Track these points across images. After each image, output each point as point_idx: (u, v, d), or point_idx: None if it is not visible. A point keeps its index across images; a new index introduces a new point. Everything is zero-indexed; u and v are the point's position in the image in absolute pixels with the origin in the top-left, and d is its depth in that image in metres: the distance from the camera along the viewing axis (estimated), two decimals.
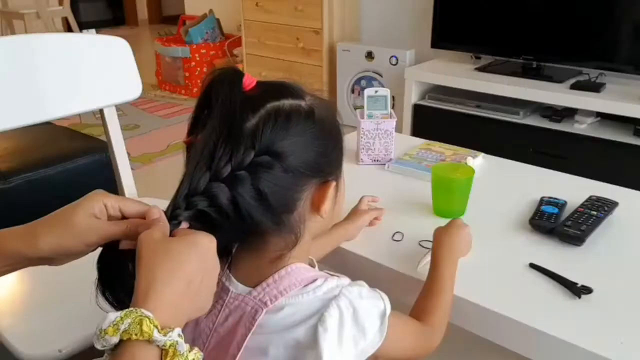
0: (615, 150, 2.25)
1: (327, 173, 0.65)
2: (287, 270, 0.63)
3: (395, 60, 3.04)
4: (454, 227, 0.90)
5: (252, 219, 0.58)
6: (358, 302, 0.62)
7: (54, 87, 1.24)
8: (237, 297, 0.63)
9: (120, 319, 0.47)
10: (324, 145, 0.64)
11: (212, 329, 0.64)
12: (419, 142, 1.42)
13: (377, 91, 1.31)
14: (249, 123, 0.59)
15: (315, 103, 0.65)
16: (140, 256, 0.52)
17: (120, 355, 0.47)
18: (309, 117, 0.62)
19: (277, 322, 0.61)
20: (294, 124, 0.60)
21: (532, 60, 2.55)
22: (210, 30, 4.20)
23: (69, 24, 4.67)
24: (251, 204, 0.58)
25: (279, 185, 0.59)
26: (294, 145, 0.60)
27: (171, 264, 0.51)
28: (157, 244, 0.53)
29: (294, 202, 0.62)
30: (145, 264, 0.51)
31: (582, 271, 0.88)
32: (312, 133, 0.62)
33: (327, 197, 0.64)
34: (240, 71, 0.63)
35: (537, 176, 1.27)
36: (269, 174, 0.58)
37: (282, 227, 0.62)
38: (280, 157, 0.59)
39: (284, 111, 0.60)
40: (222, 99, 0.59)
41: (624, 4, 2.35)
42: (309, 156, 0.62)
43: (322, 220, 0.66)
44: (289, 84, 0.66)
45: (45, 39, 1.25)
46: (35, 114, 1.22)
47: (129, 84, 1.35)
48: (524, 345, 0.79)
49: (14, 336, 0.96)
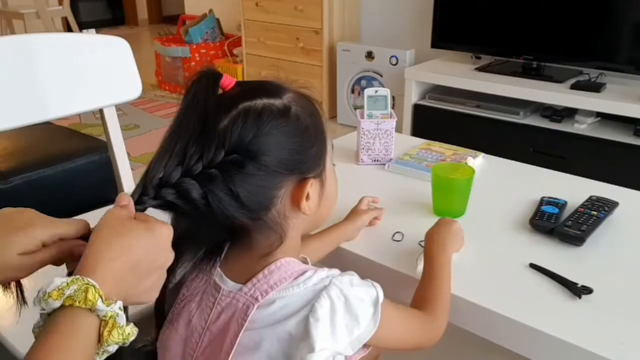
0: (615, 150, 2.25)
1: (304, 170, 0.65)
2: (277, 265, 0.64)
3: (395, 60, 3.04)
4: (441, 224, 0.91)
5: (225, 215, 0.59)
6: (349, 290, 0.62)
7: (53, 87, 1.23)
8: (229, 295, 0.64)
9: (67, 284, 0.47)
10: (299, 143, 0.64)
11: (205, 327, 0.64)
12: (419, 142, 1.42)
13: (377, 91, 1.31)
14: (221, 124, 0.60)
15: (293, 100, 0.65)
16: (99, 227, 0.53)
17: (58, 320, 0.47)
18: (283, 114, 0.63)
19: (269, 316, 0.61)
20: (265, 123, 0.61)
21: (532, 60, 2.55)
22: (210, 30, 4.20)
23: (69, 24, 4.67)
24: (224, 200, 0.59)
25: (252, 183, 0.60)
26: (266, 144, 0.61)
27: (123, 242, 0.52)
28: (117, 220, 0.53)
29: (269, 199, 0.62)
30: (99, 236, 0.52)
31: (582, 271, 0.87)
32: (286, 131, 0.62)
33: (306, 194, 0.64)
34: (218, 73, 0.64)
35: (537, 176, 1.27)
36: (241, 172, 0.59)
37: (261, 223, 0.63)
38: (251, 156, 0.60)
39: (255, 110, 0.61)
40: (197, 100, 0.60)
41: (624, 4, 2.35)
42: (282, 154, 0.62)
43: (307, 217, 0.67)
44: (268, 83, 0.66)
45: (45, 39, 1.25)
46: (35, 114, 1.22)
47: (129, 84, 1.35)
48: (524, 345, 0.79)
49: (14, 336, 0.95)
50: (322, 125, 0.68)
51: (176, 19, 4.76)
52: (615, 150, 2.26)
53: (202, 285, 0.67)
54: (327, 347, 0.60)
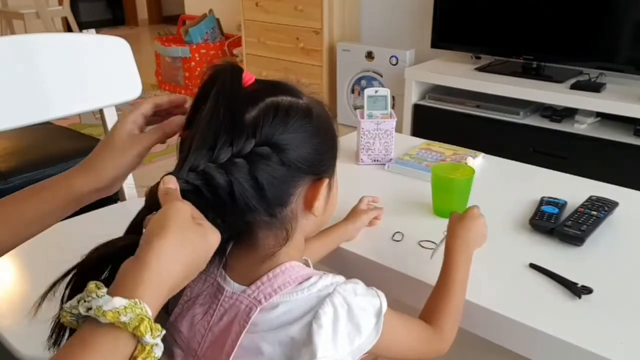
0: (615, 150, 2.25)
1: (321, 171, 0.66)
2: (282, 269, 0.64)
3: (395, 60, 3.04)
4: (469, 218, 0.87)
5: (246, 206, 0.59)
6: (352, 299, 0.62)
7: (53, 87, 1.23)
8: (232, 296, 0.64)
9: (124, 309, 0.47)
10: (319, 144, 0.65)
11: (208, 329, 0.64)
12: (419, 142, 1.42)
13: (377, 91, 1.31)
14: (249, 115, 0.60)
15: (311, 102, 0.66)
16: (164, 223, 0.52)
17: (101, 339, 0.47)
18: (307, 114, 0.64)
19: (272, 320, 0.61)
20: (293, 120, 0.62)
21: (532, 60, 2.55)
22: (210, 30, 4.20)
23: (69, 24, 4.67)
24: (247, 191, 0.59)
25: (276, 177, 0.60)
26: (293, 140, 0.61)
27: (185, 258, 0.53)
28: (182, 222, 0.53)
29: (288, 196, 0.63)
30: (165, 238, 0.51)
31: (582, 271, 0.88)
32: (310, 130, 0.63)
33: (320, 194, 0.65)
34: (240, 67, 0.64)
35: (537, 176, 1.27)
36: (267, 164, 0.60)
37: (274, 220, 0.63)
38: (279, 150, 0.60)
39: (283, 106, 0.62)
40: (223, 90, 0.61)
41: (624, 4, 2.35)
42: (306, 152, 0.63)
43: (314, 219, 0.67)
44: (286, 83, 0.67)
45: (45, 39, 1.25)
46: (35, 114, 1.22)
47: (129, 84, 1.35)
48: (524, 345, 0.79)
49: (14, 336, 0.95)
50: (335, 130, 0.70)
51: (176, 19, 4.76)
52: (615, 150, 2.26)
53: (205, 286, 0.67)
54: (328, 354, 0.59)
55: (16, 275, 1.17)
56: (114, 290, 0.49)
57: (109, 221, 1.42)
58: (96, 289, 0.49)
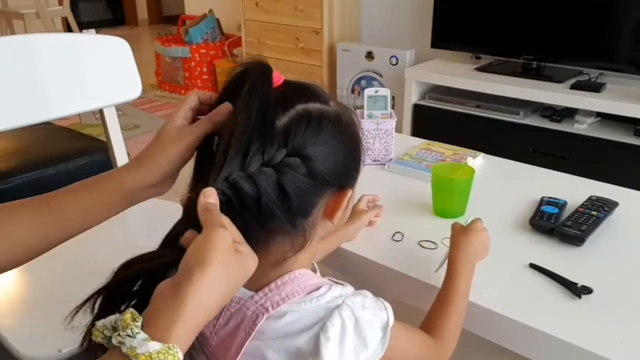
0: (615, 150, 2.25)
1: (346, 182, 0.65)
2: (291, 277, 0.63)
3: (395, 60, 3.04)
4: (473, 232, 0.87)
5: (271, 215, 0.58)
6: (360, 312, 0.61)
7: (53, 87, 1.23)
8: (239, 301, 0.63)
9: (157, 353, 0.46)
10: (347, 156, 0.64)
11: (213, 332, 0.63)
12: (419, 142, 1.42)
13: (377, 91, 1.31)
14: (280, 121, 0.59)
15: (340, 108, 0.64)
16: (206, 255, 0.51)
17: None
18: (338, 124, 0.62)
19: (279, 329, 0.60)
20: (324, 130, 0.60)
21: (532, 60, 2.55)
22: (210, 30, 4.20)
23: (69, 24, 4.67)
24: (274, 201, 0.58)
25: (301, 189, 0.59)
26: (323, 152, 0.60)
27: (223, 291, 0.52)
28: (224, 256, 0.52)
29: (311, 207, 0.62)
30: (205, 274, 0.50)
31: (582, 271, 0.88)
32: (340, 141, 0.62)
33: (342, 205, 0.64)
34: (270, 66, 0.62)
35: (537, 176, 1.27)
36: (295, 176, 0.58)
37: (294, 229, 0.61)
38: (309, 161, 0.59)
39: (315, 115, 0.61)
40: (255, 92, 0.59)
41: (624, 4, 2.35)
42: (334, 164, 0.61)
43: (332, 227, 0.66)
44: (313, 86, 0.65)
45: (45, 39, 1.25)
46: (35, 114, 1.22)
47: (129, 84, 1.35)
48: (524, 345, 0.79)
49: (14, 336, 0.95)
50: (361, 138, 0.68)
51: (176, 19, 4.76)
52: (615, 150, 2.25)
53: None
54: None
55: (16, 275, 1.17)
56: (148, 325, 0.48)
57: (109, 221, 1.43)
58: (132, 323, 0.48)
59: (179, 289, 0.50)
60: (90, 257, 1.18)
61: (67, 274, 1.13)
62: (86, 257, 1.17)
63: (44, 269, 1.17)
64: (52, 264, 1.17)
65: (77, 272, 1.13)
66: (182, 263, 0.52)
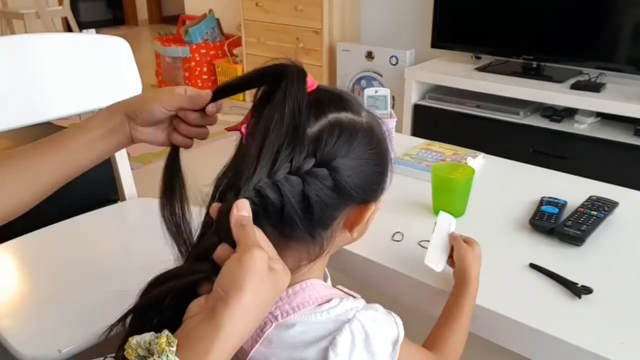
0: (615, 150, 2.25)
1: (370, 197, 0.63)
2: (302, 286, 0.62)
3: (395, 60, 3.04)
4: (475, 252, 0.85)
5: (292, 224, 0.57)
6: (371, 326, 0.60)
7: (54, 87, 1.23)
8: None
9: None
10: (376, 172, 0.62)
11: None
12: (419, 142, 1.42)
13: (377, 91, 1.31)
14: (311, 129, 0.57)
15: (371, 120, 0.63)
16: (243, 277, 0.49)
17: None
18: (370, 137, 0.61)
19: (287, 340, 0.59)
20: (356, 143, 0.59)
21: (532, 60, 2.55)
22: (210, 30, 4.20)
23: (69, 24, 4.67)
24: (296, 211, 0.56)
25: (325, 201, 0.58)
26: (352, 165, 0.59)
27: (258, 313, 0.51)
28: (260, 279, 0.50)
29: (332, 219, 0.61)
30: (239, 297, 0.49)
31: (582, 271, 0.88)
32: (371, 156, 0.61)
33: (364, 219, 0.63)
34: (304, 70, 0.60)
35: (537, 176, 1.27)
36: (320, 187, 0.57)
37: (314, 240, 0.61)
38: (337, 174, 0.58)
39: (347, 126, 0.59)
40: (290, 95, 0.57)
41: (623, 4, 2.35)
42: (361, 179, 0.60)
43: (349, 238, 0.65)
44: (347, 95, 0.64)
45: (45, 39, 1.25)
46: (35, 114, 1.22)
47: (129, 84, 1.35)
48: (524, 345, 0.79)
49: (14, 336, 0.95)
50: (390, 151, 0.66)
51: (176, 19, 4.76)
52: (615, 150, 2.25)
53: None
54: None
55: (16, 275, 1.17)
56: (182, 348, 0.47)
57: (109, 221, 1.43)
58: (167, 348, 0.47)
59: (214, 314, 0.49)
60: (90, 257, 1.18)
61: (67, 274, 1.13)
62: (86, 257, 1.17)
63: (44, 269, 1.17)
64: (52, 264, 1.17)
65: (77, 272, 1.13)
66: (217, 285, 0.50)
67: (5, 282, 1.13)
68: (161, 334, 0.48)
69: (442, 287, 0.86)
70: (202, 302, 0.51)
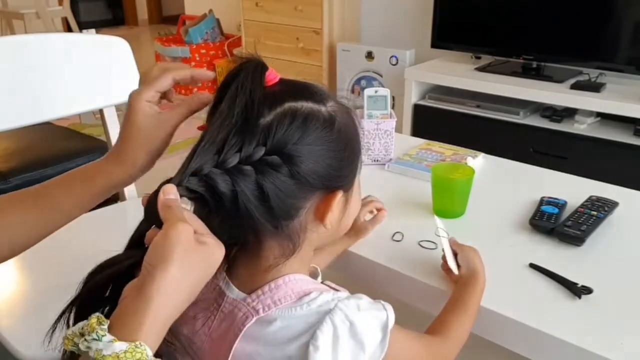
0: (615, 150, 2.25)
1: (335, 185, 0.62)
2: (285, 280, 0.61)
3: (395, 60, 3.04)
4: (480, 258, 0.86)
5: (249, 216, 0.57)
6: (355, 315, 0.58)
7: (54, 87, 1.24)
8: (232, 302, 0.62)
9: (124, 353, 0.46)
10: (339, 158, 0.61)
11: (208, 334, 0.62)
12: (419, 142, 1.42)
13: (377, 91, 1.31)
14: (264, 119, 0.57)
15: (337, 110, 0.62)
16: (167, 251, 0.50)
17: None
18: (329, 125, 0.60)
19: (268, 336, 0.58)
20: (311, 130, 0.58)
21: (532, 60, 2.55)
22: (210, 30, 4.20)
23: (69, 24, 4.67)
24: (252, 201, 0.56)
25: (282, 190, 0.57)
26: (307, 152, 0.58)
27: (188, 284, 0.52)
28: (186, 246, 0.51)
29: (295, 209, 0.60)
30: (166, 270, 0.50)
31: (582, 271, 0.88)
32: (329, 143, 0.60)
33: (333, 207, 0.62)
34: (265, 64, 0.61)
35: (537, 176, 1.27)
36: (275, 176, 0.56)
37: (280, 232, 0.60)
38: (291, 161, 0.57)
39: (301, 114, 0.58)
40: (243, 88, 0.57)
41: (624, 4, 2.35)
42: (321, 167, 0.59)
43: (326, 231, 0.64)
44: (312, 86, 0.63)
45: (45, 39, 1.25)
46: (35, 114, 1.22)
47: (129, 84, 1.34)
48: (524, 345, 0.79)
49: (14, 336, 0.95)
50: (360, 141, 0.66)
51: (176, 19, 4.76)
52: (615, 150, 2.25)
53: (206, 290, 0.63)
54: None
55: (16, 275, 1.17)
56: (115, 327, 0.48)
57: (109, 221, 1.43)
58: (98, 326, 0.48)
59: (142, 289, 0.49)
60: (90, 257, 1.18)
61: (67, 274, 1.13)
62: (86, 257, 1.17)
63: (44, 270, 1.17)
64: (53, 264, 1.17)
65: (78, 272, 1.13)
66: (144, 262, 0.51)
67: (5, 282, 1.13)
68: (91, 316, 0.49)
69: (442, 287, 0.86)
70: (134, 282, 0.52)
